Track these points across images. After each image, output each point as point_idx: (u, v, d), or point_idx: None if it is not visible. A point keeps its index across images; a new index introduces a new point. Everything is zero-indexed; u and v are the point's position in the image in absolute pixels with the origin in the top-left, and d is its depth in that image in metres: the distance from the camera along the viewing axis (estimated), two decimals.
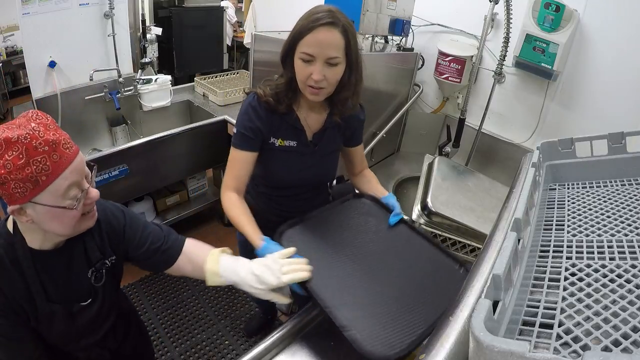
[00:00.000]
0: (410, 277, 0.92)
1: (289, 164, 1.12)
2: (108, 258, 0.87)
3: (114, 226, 0.89)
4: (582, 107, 1.62)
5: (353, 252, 0.97)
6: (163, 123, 2.59)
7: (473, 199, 1.42)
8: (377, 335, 0.76)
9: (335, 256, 0.94)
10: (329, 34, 0.91)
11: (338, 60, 0.94)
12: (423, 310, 0.82)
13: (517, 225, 0.54)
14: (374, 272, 0.92)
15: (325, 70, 0.94)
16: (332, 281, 0.87)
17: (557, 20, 1.48)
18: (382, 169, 1.96)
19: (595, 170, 0.79)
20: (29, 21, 1.95)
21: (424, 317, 0.81)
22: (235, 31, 4.91)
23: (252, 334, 1.95)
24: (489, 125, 1.87)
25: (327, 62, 0.93)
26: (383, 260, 0.96)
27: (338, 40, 0.92)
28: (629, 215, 0.61)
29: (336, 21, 0.92)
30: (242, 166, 1.07)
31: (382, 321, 0.79)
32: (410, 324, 0.79)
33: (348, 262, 0.93)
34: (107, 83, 2.34)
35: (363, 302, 0.84)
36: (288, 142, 1.09)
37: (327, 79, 0.95)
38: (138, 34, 2.52)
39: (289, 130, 1.08)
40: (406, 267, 0.95)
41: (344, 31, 0.93)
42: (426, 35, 1.99)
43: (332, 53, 0.92)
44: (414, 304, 0.84)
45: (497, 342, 0.36)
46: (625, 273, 0.48)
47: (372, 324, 0.78)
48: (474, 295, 0.57)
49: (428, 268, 0.95)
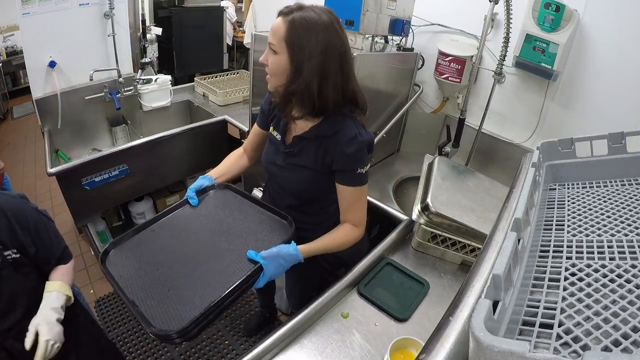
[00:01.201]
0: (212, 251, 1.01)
1: (267, 152, 1.20)
2: (8, 250, 1.00)
3: (24, 224, 1.03)
4: (582, 107, 1.62)
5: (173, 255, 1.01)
6: (163, 123, 2.59)
7: (473, 199, 1.42)
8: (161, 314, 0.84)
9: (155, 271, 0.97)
10: (276, 22, 0.95)
11: (275, 47, 0.95)
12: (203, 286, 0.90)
13: (517, 225, 0.54)
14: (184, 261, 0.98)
15: (269, 56, 0.97)
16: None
17: (557, 20, 1.48)
18: (382, 169, 1.96)
19: (595, 170, 0.79)
20: (29, 21, 1.96)
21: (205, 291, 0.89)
22: (235, 31, 4.91)
23: (251, 333, 1.96)
24: (489, 125, 1.87)
25: (270, 48, 0.96)
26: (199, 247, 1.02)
27: (279, 28, 0.93)
28: (629, 215, 0.61)
29: (288, 12, 0.94)
30: (252, 133, 1.28)
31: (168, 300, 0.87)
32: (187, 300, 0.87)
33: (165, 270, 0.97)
34: (107, 83, 2.34)
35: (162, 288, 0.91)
36: (276, 134, 1.16)
37: (268, 66, 0.98)
38: (138, 34, 2.52)
39: (279, 124, 1.13)
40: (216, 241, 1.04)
41: (290, 22, 0.92)
42: (426, 35, 1.99)
43: (270, 38, 0.95)
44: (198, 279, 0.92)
45: (497, 342, 0.36)
46: (625, 273, 0.48)
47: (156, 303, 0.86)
48: (474, 295, 0.57)
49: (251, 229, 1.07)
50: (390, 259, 1.30)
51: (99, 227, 2.15)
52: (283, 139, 1.12)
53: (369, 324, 1.07)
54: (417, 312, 1.12)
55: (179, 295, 0.88)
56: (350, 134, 1.00)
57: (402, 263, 1.29)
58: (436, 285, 1.23)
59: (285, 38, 0.92)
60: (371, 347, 1.01)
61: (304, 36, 0.91)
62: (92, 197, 1.92)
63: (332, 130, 1.02)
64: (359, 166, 1.03)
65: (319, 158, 1.05)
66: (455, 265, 1.34)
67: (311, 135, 1.05)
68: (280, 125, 1.12)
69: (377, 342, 1.02)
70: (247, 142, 1.30)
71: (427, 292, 1.19)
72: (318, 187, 1.11)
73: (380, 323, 1.08)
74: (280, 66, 0.96)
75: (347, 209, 1.09)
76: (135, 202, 2.33)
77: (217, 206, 1.16)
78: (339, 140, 1.01)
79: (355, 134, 1.01)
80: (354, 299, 1.15)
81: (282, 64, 0.95)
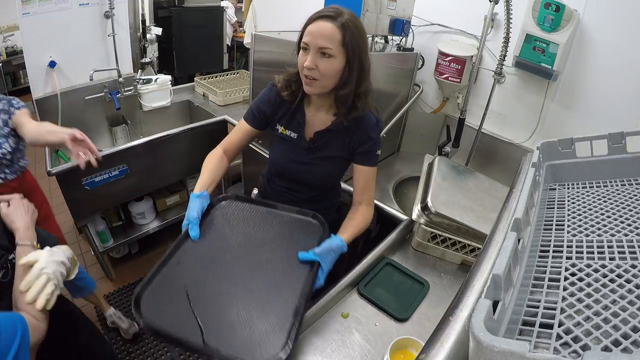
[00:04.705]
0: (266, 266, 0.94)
1: (284, 152, 1.19)
2: (12, 254, 0.96)
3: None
4: (582, 107, 1.62)
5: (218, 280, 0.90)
6: (163, 123, 2.59)
7: (473, 199, 1.42)
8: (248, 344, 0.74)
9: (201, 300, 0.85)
10: (325, 25, 0.96)
11: (331, 51, 0.96)
12: (282, 300, 0.84)
13: (517, 225, 0.54)
14: (232, 284, 0.89)
15: (318, 60, 0.98)
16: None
17: (557, 20, 1.48)
18: (382, 169, 1.96)
19: (595, 170, 0.79)
20: (29, 21, 1.96)
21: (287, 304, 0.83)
22: (235, 31, 4.91)
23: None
24: (489, 125, 1.87)
25: (320, 52, 0.97)
26: (241, 264, 0.94)
27: (332, 32, 0.95)
28: (629, 215, 0.61)
29: (336, 15, 0.96)
30: (238, 132, 1.22)
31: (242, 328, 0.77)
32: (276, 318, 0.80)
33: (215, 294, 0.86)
34: (107, 83, 2.34)
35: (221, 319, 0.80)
36: (289, 132, 1.17)
37: (319, 70, 0.98)
38: (138, 34, 2.53)
39: (294, 121, 1.16)
40: (260, 257, 0.96)
41: (341, 25, 0.95)
42: (426, 35, 1.99)
43: (323, 43, 0.96)
44: (270, 297, 0.85)
45: (497, 342, 0.36)
46: (625, 273, 0.48)
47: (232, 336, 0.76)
48: (474, 295, 0.57)
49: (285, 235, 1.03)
50: (390, 259, 1.30)
51: (99, 227, 2.15)
52: (301, 136, 1.15)
53: (369, 324, 1.07)
54: (417, 312, 1.12)
55: (249, 320, 0.78)
56: (373, 121, 1.13)
57: (402, 263, 1.29)
58: (436, 285, 1.23)
59: (343, 42, 0.96)
60: (371, 347, 1.01)
61: (359, 39, 0.98)
62: (92, 197, 1.92)
63: (358, 119, 1.10)
64: (377, 148, 1.15)
65: (346, 145, 1.14)
66: (455, 265, 1.34)
67: (338, 127, 1.12)
68: (296, 124, 1.15)
69: (377, 342, 1.02)
70: (228, 143, 1.22)
71: (427, 292, 1.19)
72: (338, 173, 1.22)
73: (380, 323, 1.08)
74: (335, 69, 0.99)
75: (364, 189, 1.17)
76: (135, 202, 2.33)
77: (234, 220, 1.07)
78: (366, 127, 1.12)
79: (376, 120, 1.13)
80: (354, 299, 1.15)
81: (338, 67, 0.99)
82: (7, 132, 1.44)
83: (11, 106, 1.45)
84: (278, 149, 1.21)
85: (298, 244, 1.00)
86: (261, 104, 1.18)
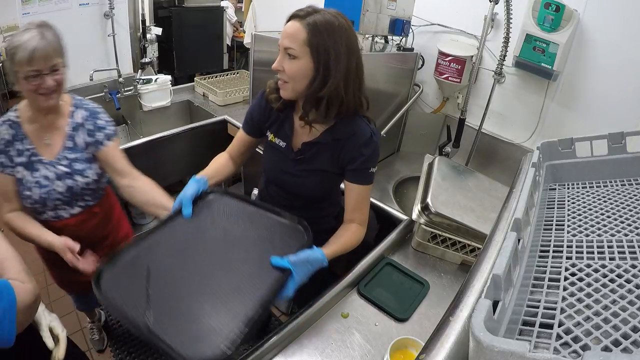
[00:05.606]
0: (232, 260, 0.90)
1: (274, 160, 1.15)
2: None
3: None
4: (582, 107, 1.62)
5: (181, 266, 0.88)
6: (163, 123, 2.59)
7: (473, 199, 1.42)
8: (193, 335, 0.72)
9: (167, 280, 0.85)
10: (292, 26, 0.92)
11: (293, 52, 0.91)
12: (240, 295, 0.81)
13: (517, 225, 0.54)
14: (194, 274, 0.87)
15: (285, 61, 0.94)
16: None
17: (557, 20, 1.48)
18: (382, 169, 1.96)
19: (595, 170, 0.79)
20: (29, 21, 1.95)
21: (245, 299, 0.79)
22: (235, 31, 4.91)
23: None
24: (489, 125, 1.87)
25: (286, 52, 0.93)
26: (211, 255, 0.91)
27: (296, 31, 0.90)
28: (629, 215, 0.61)
29: (305, 15, 0.91)
30: (237, 139, 1.21)
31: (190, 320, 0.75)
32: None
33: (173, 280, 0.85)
34: (107, 83, 2.34)
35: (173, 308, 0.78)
36: (278, 141, 1.11)
37: (286, 72, 0.94)
38: (138, 34, 2.53)
39: (282, 130, 1.10)
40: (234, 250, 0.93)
41: (307, 25, 0.90)
42: (426, 35, 1.99)
43: (287, 43, 0.91)
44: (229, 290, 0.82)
45: (497, 342, 0.36)
46: (625, 273, 0.48)
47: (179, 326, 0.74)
48: (474, 295, 0.57)
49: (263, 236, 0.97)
50: (390, 259, 1.30)
51: None
52: (289, 146, 1.09)
53: (369, 324, 1.07)
54: (417, 312, 1.12)
55: (198, 315, 0.76)
56: (366, 135, 1.02)
57: (402, 263, 1.29)
58: (436, 285, 1.23)
59: (308, 42, 0.90)
60: (371, 347, 1.01)
61: (328, 39, 0.90)
62: None
63: (349, 132, 1.02)
64: (371, 165, 1.04)
65: (335, 160, 1.05)
66: (455, 265, 1.34)
67: (326, 140, 1.03)
68: (284, 132, 1.09)
69: (377, 342, 1.02)
70: (232, 149, 1.22)
71: (427, 292, 1.19)
72: (330, 187, 1.14)
73: (380, 323, 1.08)
74: (301, 71, 0.93)
75: (355, 208, 1.07)
76: None
77: (218, 214, 1.04)
78: (356, 142, 1.01)
79: (370, 134, 1.02)
80: (354, 299, 1.15)
81: (304, 69, 0.93)
82: (91, 155, 1.25)
83: (100, 130, 1.24)
84: (268, 157, 1.17)
85: (276, 248, 0.93)
86: (253, 110, 1.14)
